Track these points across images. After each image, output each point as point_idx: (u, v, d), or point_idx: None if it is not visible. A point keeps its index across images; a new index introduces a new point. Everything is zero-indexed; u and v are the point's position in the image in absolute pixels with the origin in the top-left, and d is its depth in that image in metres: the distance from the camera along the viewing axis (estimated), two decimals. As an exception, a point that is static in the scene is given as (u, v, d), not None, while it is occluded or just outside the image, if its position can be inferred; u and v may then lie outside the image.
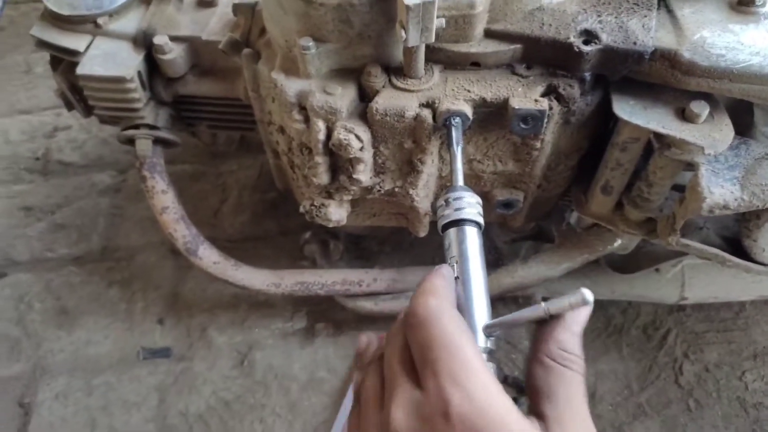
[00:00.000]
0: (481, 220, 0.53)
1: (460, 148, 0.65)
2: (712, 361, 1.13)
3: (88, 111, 0.97)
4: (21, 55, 1.69)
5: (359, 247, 1.25)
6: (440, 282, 0.45)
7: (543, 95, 0.70)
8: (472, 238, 0.51)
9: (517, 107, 0.68)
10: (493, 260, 1.19)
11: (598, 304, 1.20)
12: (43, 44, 0.89)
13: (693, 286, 1.03)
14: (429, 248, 1.21)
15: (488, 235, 1.18)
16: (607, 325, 1.17)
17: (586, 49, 0.66)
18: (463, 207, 0.53)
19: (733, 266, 0.79)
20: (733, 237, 0.80)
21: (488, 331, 0.45)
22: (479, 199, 0.55)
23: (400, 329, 0.45)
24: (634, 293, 1.07)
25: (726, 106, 0.70)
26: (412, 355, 0.43)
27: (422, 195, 0.81)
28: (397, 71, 0.71)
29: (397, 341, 0.45)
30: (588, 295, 0.40)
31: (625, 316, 1.18)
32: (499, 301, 1.09)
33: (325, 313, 1.19)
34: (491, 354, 0.45)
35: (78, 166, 1.46)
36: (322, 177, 0.78)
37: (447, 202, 0.54)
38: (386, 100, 0.69)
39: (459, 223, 0.52)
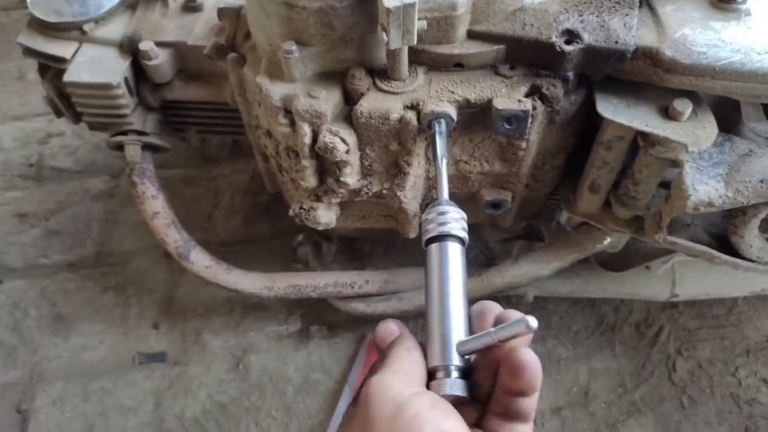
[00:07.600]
0: (464, 236, 0.53)
1: (445, 162, 0.64)
2: (705, 357, 1.13)
3: (76, 118, 0.97)
4: (13, 61, 1.69)
5: (352, 248, 1.25)
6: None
7: (526, 95, 0.70)
8: (455, 254, 0.51)
9: (500, 108, 0.68)
10: (486, 260, 1.19)
11: (590, 303, 1.22)
12: (30, 52, 0.89)
13: (684, 283, 1.03)
14: (421, 249, 1.21)
15: (480, 235, 1.18)
16: (600, 323, 1.17)
17: (568, 48, 0.66)
18: (446, 222, 0.52)
19: (721, 263, 0.79)
20: (720, 234, 0.80)
21: (461, 349, 0.46)
22: (464, 215, 0.54)
23: None
24: (626, 291, 1.07)
25: (712, 103, 0.70)
26: None
27: (410, 196, 0.81)
28: (381, 73, 0.71)
29: None
30: (532, 321, 0.41)
31: (617, 314, 1.18)
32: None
33: (319, 316, 1.20)
34: (461, 371, 0.45)
35: (71, 171, 1.46)
36: (310, 180, 0.78)
37: (431, 216, 0.54)
38: (371, 103, 0.70)
39: (442, 238, 0.52)
